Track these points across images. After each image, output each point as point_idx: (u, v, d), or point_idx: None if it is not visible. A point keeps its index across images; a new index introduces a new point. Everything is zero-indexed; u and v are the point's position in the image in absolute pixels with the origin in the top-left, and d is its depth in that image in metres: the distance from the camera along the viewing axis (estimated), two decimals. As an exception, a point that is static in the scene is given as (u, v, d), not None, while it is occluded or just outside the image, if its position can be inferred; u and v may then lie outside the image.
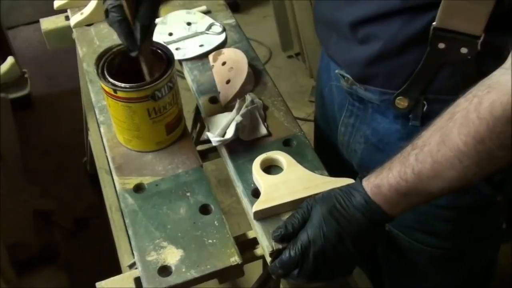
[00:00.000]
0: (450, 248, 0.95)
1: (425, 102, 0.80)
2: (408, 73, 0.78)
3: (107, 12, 0.75)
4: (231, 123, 0.86)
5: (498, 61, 0.62)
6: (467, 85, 0.64)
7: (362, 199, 0.69)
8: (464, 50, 0.72)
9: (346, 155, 1.00)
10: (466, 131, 0.60)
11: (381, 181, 0.68)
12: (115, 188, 1.10)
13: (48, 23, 1.20)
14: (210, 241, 0.77)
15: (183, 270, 0.73)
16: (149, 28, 0.76)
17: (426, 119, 0.79)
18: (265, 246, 0.76)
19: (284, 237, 0.73)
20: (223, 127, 0.86)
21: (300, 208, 0.73)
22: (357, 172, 0.99)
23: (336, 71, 0.91)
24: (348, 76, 0.87)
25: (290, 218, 0.73)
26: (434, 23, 0.71)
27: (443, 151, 0.63)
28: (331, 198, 0.71)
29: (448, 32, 0.71)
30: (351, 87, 0.88)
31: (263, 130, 0.89)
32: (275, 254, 0.75)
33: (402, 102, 0.81)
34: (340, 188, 0.72)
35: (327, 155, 0.93)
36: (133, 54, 0.77)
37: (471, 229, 0.93)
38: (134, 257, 0.78)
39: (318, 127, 1.13)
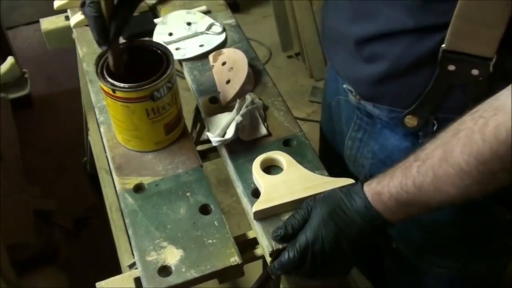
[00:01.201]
0: (458, 268, 0.94)
1: (435, 122, 0.78)
2: (417, 93, 0.76)
3: (83, 4, 0.74)
4: (231, 123, 0.86)
5: (510, 83, 0.61)
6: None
7: (363, 205, 0.69)
8: (475, 72, 0.69)
9: (353, 169, 0.99)
10: (469, 150, 0.60)
11: (382, 189, 0.68)
12: (115, 188, 1.10)
13: (48, 23, 1.20)
14: (210, 241, 0.77)
15: (183, 270, 0.73)
16: (123, 27, 0.76)
17: None
18: (265, 246, 0.76)
19: (284, 238, 0.73)
20: (223, 127, 0.86)
21: (300, 208, 0.73)
22: None
23: (344, 85, 0.89)
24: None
25: (290, 219, 0.73)
26: (443, 45, 0.69)
27: (444, 167, 0.62)
28: (331, 200, 0.71)
29: (458, 54, 0.69)
30: (359, 102, 0.87)
31: (263, 130, 0.89)
32: (274, 254, 0.75)
33: (411, 121, 0.79)
34: (341, 190, 0.72)
35: (332, 164, 0.91)
36: (102, 48, 0.77)
37: (479, 248, 0.92)
38: (134, 257, 0.78)
39: (324, 137, 1.11)
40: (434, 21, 0.69)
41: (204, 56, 1.03)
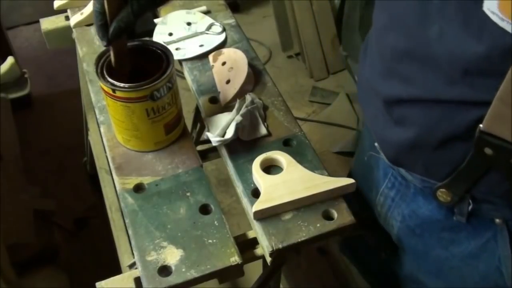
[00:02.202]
0: None
1: (470, 201, 0.72)
2: (449, 168, 0.69)
3: None
4: (231, 123, 0.86)
5: None
6: None
7: None
8: None
9: (383, 224, 0.93)
10: None
11: None
12: (115, 188, 1.10)
13: (48, 23, 1.20)
14: (210, 241, 0.77)
15: (183, 270, 0.73)
16: (124, 30, 0.74)
17: (474, 217, 0.73)
18: (265, 246, 0.76)
19: None
20: (223, 127, 0.86)
21: None
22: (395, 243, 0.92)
23: (376, 144, 0.83)
24: None
25: None
26: (481, 125, 0.61)
27: None
28: None
29: (497, 139, 0.61)
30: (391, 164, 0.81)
31: (263, 130, 0.89)
32: (274, 254, 0.75)
33: (444, 196, 0.73)
34: None
35: (360, 207, 0.87)
36: (103, 44, 0.77)
37: None
38: (134, 257, 0.78)
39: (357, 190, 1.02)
40: (474, 96, 0.61)
41: (204, 56, 1.03)
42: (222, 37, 1.06)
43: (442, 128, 0.66)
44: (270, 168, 0.83)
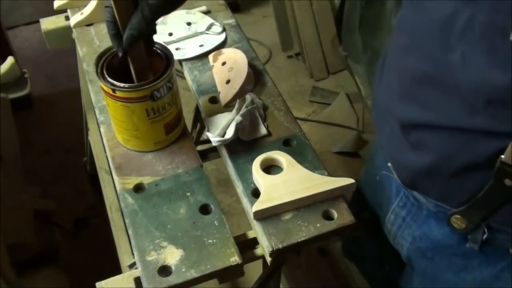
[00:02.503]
0: None
1: (485, 230, 0.70)
2: (466, 196, 0.68)
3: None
4: (231, 123, 0.86)
5: None
6: None
7: None
8: None
9: (392, 242, 0.92)
10: None
11: None
12: (115, 188, 1.10)
13: (48, 23, 1.20)
14: (210, 241, 0.77)
15: (183, 270, 0.73)
16: (137, 37, 0.73)
17: (487, 245, 0.71)
18: (265, 246, 0.76)
19: None
20: (223, 127, 0.86)
21: None
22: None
23: (389, 164, 0.81)
24: None
25: None
26: (502, 156, 0.60)
27: None
28: None
29: None
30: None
31: (263, 130, 0.89)
32: (274, 254, 0.75)
33: (459, 222, 0.71)
34: None
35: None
36: (119, 54, 0.76)
37: None
38: (134, 257, 0.78)
39: (363, 193, 1.00)
40: (496, 127, 0.60)
41: (204, 56, 1.03)
42: (222, 37, 1.06)
43: (461, 157, 0.65)
44: (270, 168, 0.83)
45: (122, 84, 0.79)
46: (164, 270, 0.74)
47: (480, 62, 0.57)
